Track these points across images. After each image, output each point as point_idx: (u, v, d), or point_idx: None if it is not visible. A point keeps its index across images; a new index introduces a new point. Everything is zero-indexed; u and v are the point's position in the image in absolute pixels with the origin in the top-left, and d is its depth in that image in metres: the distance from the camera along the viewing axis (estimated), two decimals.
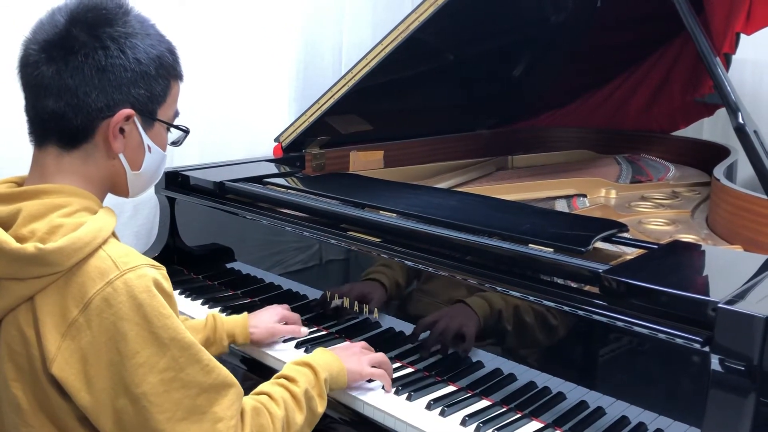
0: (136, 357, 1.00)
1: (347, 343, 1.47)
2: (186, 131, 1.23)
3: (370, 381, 1.41)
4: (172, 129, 1.20)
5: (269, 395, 1.19)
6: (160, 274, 1.06)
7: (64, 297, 1.01)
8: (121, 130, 1.10)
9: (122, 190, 1.18)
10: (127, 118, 1.09)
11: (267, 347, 1.58)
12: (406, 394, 1.37)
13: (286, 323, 1.61)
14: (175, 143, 1.24)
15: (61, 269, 1.00)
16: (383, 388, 1.39)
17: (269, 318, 1.59)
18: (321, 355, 1.34)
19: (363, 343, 1.48)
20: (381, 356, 1.43)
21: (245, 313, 1.60)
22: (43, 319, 1.01)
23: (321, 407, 1.26)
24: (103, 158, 1.11)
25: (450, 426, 1.28)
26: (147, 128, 1.14)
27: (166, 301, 1.04)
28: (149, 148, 1.15)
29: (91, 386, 1.00)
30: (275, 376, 1.27)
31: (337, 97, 2.11)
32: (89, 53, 1.06)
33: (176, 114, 1.20)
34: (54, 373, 1.00)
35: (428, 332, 1.48)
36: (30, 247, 0.99)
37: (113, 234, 1.08)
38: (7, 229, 1.03)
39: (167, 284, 1.06)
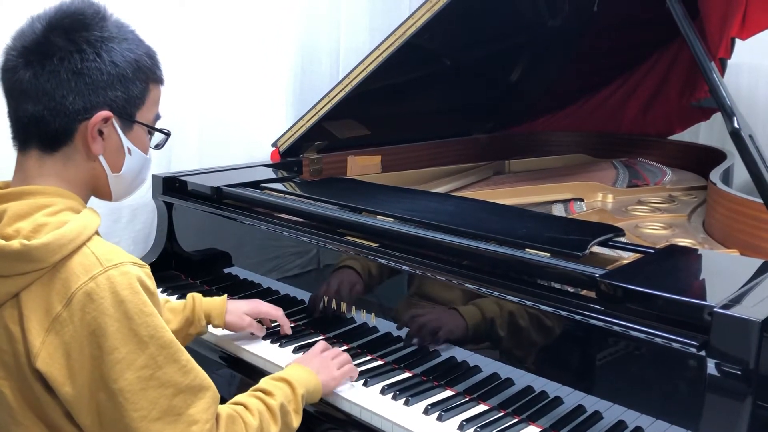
0: (114, 353, 1.01)
1: (319, 345, 1.48)
2: (167, 134, 1.24)
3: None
4: (153, 132, 1.21)
5: (245, 405, 1.20)
6: (144, 272, 1.07)
7: (49, 293, 1.02)
8: (100, 132, 1.12)
9: (105, 193, 1.19)
10: (105, 120, 1.11)
11: (247, 344, 1.62)
12: (403, 399, 1.37)
13: (260, 321, 1.66)
14: (158, 146, 1.25)
15: (46, 265, 1.02)
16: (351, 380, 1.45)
17: (246, 308, 1.63)
18: (298, 371, 1.35)
19: (323, 344, 1.49)
20: (346, 357, 1.46)
21: (225, 296, 1.64)
22: (28, 315, 1.02)
23: (296, 422, 1.27)
24: (84, 160, 1.13)
25: (447, 431, 1.28)
26: (126, 130, 1.15)
27: (149, 299, 1.05)
28: (129, 150, 1.16)
29: (74, 380, 1.02)
30: (252, 388, 1.28)
31: (334, 102, 2.11)
32: (65, 57, 1.08)
33: (157, 117, 1.22)
34: (38, 368, 1.02)
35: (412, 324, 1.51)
36: (15, 243, 1.01)
37: (97, 233, 1.10)
38: None
39: (150, 282, 1.08)
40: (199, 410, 1.08)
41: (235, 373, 1.65)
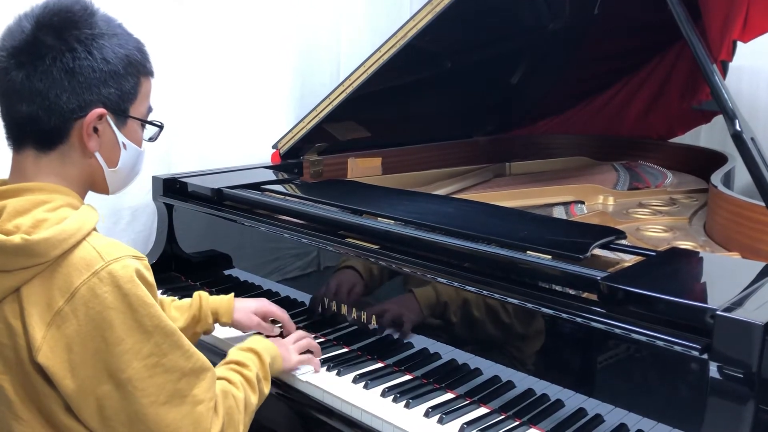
0: (121, 344, 1.04)
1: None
2: (160, 126, 1.25)
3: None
4: (146, 125, 1.22)
5: (228, 380, 1.26)
6: (142, 264, 1.09)
7: (50, 287, 1.04)
8: (95, 129, 1.13)
9: (102, 188, 1.21)
10: (100, 117, 1.12)
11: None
12: (404, 402, 1.36)
13: (272, 320, 1.65)
14: (151, 139, 1.26)
15: (47, 260, 1.03)
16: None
17: (254, 307, 1.62)
18: (261, 341, 1.41)
19: (292, 335, 1.55)
20: (308, 342, 1.53)
21: (232, 294, 1.63)
22: (29, 309, 1.04)
23: (267, 388, 1.35)
24: (80, 158, 1.14)
25: None
26: (120, 126, 1.16)
27: (149, 291, 1.07)
28: (124, 145, 1.18)
29: (75, 374, 1.04)
30: (224, 361, 1.33)
31: (335, 104, 2.11)
32: (57, 56, 1.08)
33: (149, 110, 1.23)
34: (40, 362, 1.03)
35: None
36: (16, 238, 1.02)
37: (95, 229, 1.11)
38: None
39: (149, 274, 1.10)
40: (202, 390, 1.13)
41: None
